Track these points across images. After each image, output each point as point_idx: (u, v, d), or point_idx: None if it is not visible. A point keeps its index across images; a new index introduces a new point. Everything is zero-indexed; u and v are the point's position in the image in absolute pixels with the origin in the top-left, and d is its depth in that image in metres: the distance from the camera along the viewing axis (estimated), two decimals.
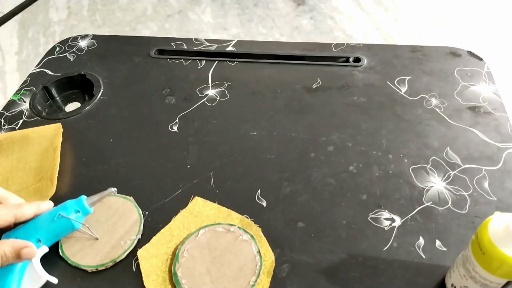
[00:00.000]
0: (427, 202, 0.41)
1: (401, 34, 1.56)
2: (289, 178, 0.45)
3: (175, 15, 1.77)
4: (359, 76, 0.57)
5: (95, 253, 0.38)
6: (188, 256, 0.38)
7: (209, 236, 0.39)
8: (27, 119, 0.54)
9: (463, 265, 0.32)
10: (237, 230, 0.39)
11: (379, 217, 0.41)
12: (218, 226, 0.40)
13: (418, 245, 0.38)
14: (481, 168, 0.44)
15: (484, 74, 0.55)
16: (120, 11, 1.81)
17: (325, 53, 0.60)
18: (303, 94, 0.55)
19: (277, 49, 0.62)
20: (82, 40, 0.67)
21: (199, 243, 0.39)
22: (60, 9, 1.83)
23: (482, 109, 0.51)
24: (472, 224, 0.39)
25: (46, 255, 0.38)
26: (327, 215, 0.41)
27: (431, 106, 0.52)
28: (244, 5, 1.79)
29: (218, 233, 0.39)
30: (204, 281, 0.36)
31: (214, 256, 0.38)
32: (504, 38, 1.52)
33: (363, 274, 0.36)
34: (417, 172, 0.44)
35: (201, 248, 0.38)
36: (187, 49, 0.63)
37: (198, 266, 0.37)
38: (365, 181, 0.44)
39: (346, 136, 0.49)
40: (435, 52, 0.59)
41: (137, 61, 0.62)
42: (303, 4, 1.77)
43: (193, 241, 0.39)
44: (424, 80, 0.55)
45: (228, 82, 0.57)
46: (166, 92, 0.57)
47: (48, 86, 0.59)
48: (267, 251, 0.38)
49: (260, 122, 0.51)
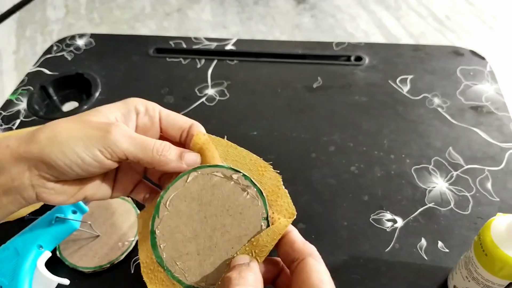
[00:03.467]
0: (429, 203, 0.41)
1: (403, 33, 1.56)
2: (289, 178, 0.44)
3: (173, 13, 1.76)
4: (361, 75, 0.56)
5: (92, 254, 0.38)
6: (171, 210, 0.28)
7: (201, 184, 0.28)
8: (24, 119, 0.54)
9: (466, 267, 0.31)
10: (242, 180, 0.28)
11: (381, 218, 0.40)
12: (216, 170, 0.28)
13: (420, 246, 0.38)
14: (483, 169, 0.44)
15: (487, 74, 0.55)
16: (118, 10, 1.80)
17: (326, 52, 0.60)
18: (303, 94, 0.54)
19: (277, 48, 0.61)
20: (80, 39, 0.67)
21: (188, 192, 0.28)
22: (58, 8, 1.82)
23: (484, 109, 0.50)
24: (475, 225, 0.39)
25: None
26: (328, 216, 0.41)
27: (433, 105, 0.51)
28: (244, 3, 1.79)
29: (215, 182, 0.28)
30: (188, 249, 0.27)
31: (205, 215, 0.28)
32: (507, 37, 1.52)
33: (364, 276, 0.36)
34: (419, 172, 0.44)
35: (190, 200, 0.28)
36: (186, 47, 0.63)
37: (183, 227, 0.28)
38: (367, 182, 0.43)
39: (348, 136, 0.48)
40: (437, 51, 0.59)
41: (135, 60, 0.62)
42: (304, 2, 1.76)
43: (181, 188, 0.28)
44: (426, 80, 0.55)
45: (227, 81, 0.57)
46: (165, 92, 0.56)
47: (46, 85, 0.58)
48: (283, 212, 0.28)
49: (260, 121, 0.51)
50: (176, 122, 0.31)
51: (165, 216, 0.28)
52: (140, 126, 0.30)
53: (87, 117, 0.28)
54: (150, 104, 0.31)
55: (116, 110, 0.29)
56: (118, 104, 0.30)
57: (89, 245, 0.39)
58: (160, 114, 0.31)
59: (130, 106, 0.30)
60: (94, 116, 0.28)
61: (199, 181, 0.28)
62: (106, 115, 0.28)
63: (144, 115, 0.30)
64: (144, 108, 0.30)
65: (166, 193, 0.28)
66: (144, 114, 0.30)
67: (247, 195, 0.28)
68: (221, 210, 0.28)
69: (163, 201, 0.28)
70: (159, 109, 0.31)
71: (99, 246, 0.39)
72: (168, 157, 0.28)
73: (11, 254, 0.35)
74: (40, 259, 0.35)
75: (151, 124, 0.31)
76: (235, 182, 0.28)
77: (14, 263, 0.34)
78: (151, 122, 0.31)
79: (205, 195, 0.28)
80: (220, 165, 0.29)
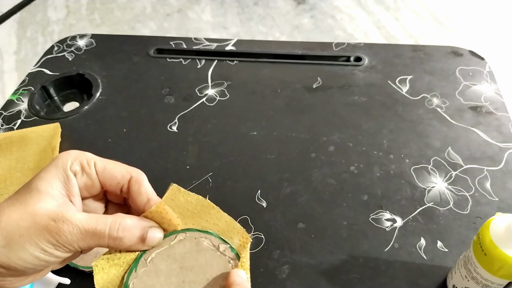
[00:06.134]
0: (428, 202, 0.41)
1: (402, 33, 1.56)
2: (289, 178, 0.44)
3: (174, 14, 1.76)
4: (360, 75, 0.56)
5: (93, 254, 0.38)
6: (151, 267, 0.27)
7: (187, 247, 0.28)
8: (25, 119, 0.54)
9: (465, 266, 0.31)
10: (228, 252, 0.27)
11: (380, 218, 0.40)
12: (204, 236, 0.28)
13: (420, 246, 0.38)
14: (482, 168, 0.44)
15: (486, 74, 0.55)
16: (119, 10, 1.80)
17: (326, 52, 0.60)
18: (303, 94, 0.54)
19: (277, 48, 0.62)
20: (81, 39, 0.67)
21: (172, 252, 0.27)
22: (59, 8, 1.83)
23: (483, 109, 0.50)
24: (474, 224, 0.39)
25: None
26: (328, 215, 0.41)
27: (433, 105, 0.51)
28: (244, 3, 1.79)
29: (201, 248, 0.27)
30: None
31: (184, 280, 0.26)
32: (506, 38, 1.52)
33: (364, 275, 0.36)
34: (419, 172, 0.44)
35: (172, 260, 0.27)
36: (186, 48, 0.63)
37: (158, 286, 0.26)
38: (366, 182, 0.43)
39: (347, 136, 0.48)
40: (436, 52, 0.59)
41: (136, 60, 0.62)
42: (304, 3, 1.77)
43: (165, 247, 0.28)
44: (425, 80, 0.55)
45: (227, 82, 0.57)
46: (165, 92, 0.56)
47: (47, 85, 0.59)
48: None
49: (260, 122, 0.51)
50: (114, 177, 0.29)
51: (142, 272, 0.27)
52: (81, 187, 0.28)
53: (31, 204, 0.26)
54: (85, 158, 0.28)
55: (55, 181, 0.27)
56: (52, 171, 0.27)
57: None
58: (96, 167, 0.29)
59: (66, 170, 0.27)
60: (37, 199, 0.26)
61: (185, 243, 0.28)
62: (48, 192, 0.26)
63: (81, 175, 0.28)
64: (80, 166, 0.28)
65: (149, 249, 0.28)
66: (82, 174, 0.28)
67: (231, 268, 0.27)
68: (201, 278, 0.26)
69: (145, 256, 0.27)
70: (93, 162, 0.29)
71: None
72: (126, 243, 0.27)
73: None
74: None
75: (91, 182, 0.29)
76: (222, 253, 0.27)
77: None
78: (91, 180, 0.29)
79: (188, 259, 0.27)
80: (209, 232, 0.28)
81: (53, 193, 0.27)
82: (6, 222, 0.25)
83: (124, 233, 0.26)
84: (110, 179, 0.29)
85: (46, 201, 0.26)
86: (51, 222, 0.25)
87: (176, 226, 0.28)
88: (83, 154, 0.29)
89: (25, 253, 0.25)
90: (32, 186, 0.27)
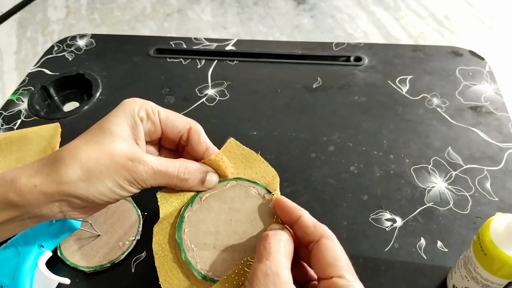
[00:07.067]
0: (428, 202, 0.41)
1: (402, 33, 1.56)
2: (289, 178, 0.44)
3: (174, 14, 1.76)
4: (360, 75, 0.56)
5: (93, 254, 0.38)
6: (204, 204, 0.32)
7: (237, 193, 0.32)
8: (25, 119, 0.54)
9: (465, 266, 0.31)
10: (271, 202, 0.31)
11: (380, 218, 0.40)
12: (253, 185, 0.32)
13: (420, 246, 0.38)
14: (482, 168, 0.44)
15: (486, 74, 0.55)
16: (119, 10, 1.80)
17: (326, 52, 0.60)
18: (303, 94, 0.54)
19: (277, 48, 0.62)
20: (81, 39, 0.67)
21: (223, 195, 0.32)
22: (59, 8, 1.83)
23: (483, 109, 0.50)
24: (474, 224, 0.39)
25: None
26: (328, 215, 0.41)
27: (433, 105, 0.51)
28: (244, 3, 1.79)
29: (248, 195, 0.32)
30: (206, 241, 0.30)
31: (231, 218, 0.31)
32: (506, 38, 1.52)
33: (364, 275, 0.36)
34: (419, 172, 0.44)
35: (223, 201, 0.32)
36: (186, 48, 0.63)
37: (209, 221, 0.31)
38: (366, 182, 0.43)
39: (347, 136, 0.48)
40: (436, 52, 0.59)
41: (136, 60, 0.62)
42: (304, 2, 1.77)
43: (218, 190, 0.32)
44: (425, 80, 0.55)
45: (227, 82, 0.57)
46: (165, 92, 0.56)
47: (47, 85, 0.59)
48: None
49: (260, 122, 0.51)
50: (175, 126, 0.32)
51: (197, 208, 0.31)
52: (145, 132, 0.31)
53: (108, 144, 0.29)
54: (149, 107, 0.31)
55: (124, 125, 0.30)
56: (122, 116, 0.30)
57: (89, 244, 0.39)
58: (159, 116, 0.32)
59: (134, 116, 0.30)
60: (111, 140, 0.29)
61: (235, 189, 0.32)
62: (119, 135, 0.29)
63: (147, 122, 0.31)
64: (145, 113, 0.31)
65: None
66: (147, 120, 0.31)
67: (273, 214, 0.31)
68: (246, 219, 0.31)
69: (200, 195, 0.32)
70: (157, 110, 0.32)
71: (100, 246, 0.39)
72: (190, 184, 0.31)
73: (12, 253, 0.35)
74: (41, 259, 0.36)
75: (154, 129, 0.32)
76: (265, 201, 0.31)
77: (15, 263, 0.35)
78: (154, 126, 0.32)
79: (237, 202, 0.31)
80: (257, 183, 0.33)
81: (124, 136, 0.30)
82: (86, 159, 0.28)
83: (189, 175, 0.31)
84: (172, 127, 0.32)
85: (119, 143, 0.29)
86: (129, 162, 0.28)
87: (229, 174, 0.33)
88: (147, 103, 0.31)
89: (104, 187, 0.28)
90: (105, 128, 0.30)
